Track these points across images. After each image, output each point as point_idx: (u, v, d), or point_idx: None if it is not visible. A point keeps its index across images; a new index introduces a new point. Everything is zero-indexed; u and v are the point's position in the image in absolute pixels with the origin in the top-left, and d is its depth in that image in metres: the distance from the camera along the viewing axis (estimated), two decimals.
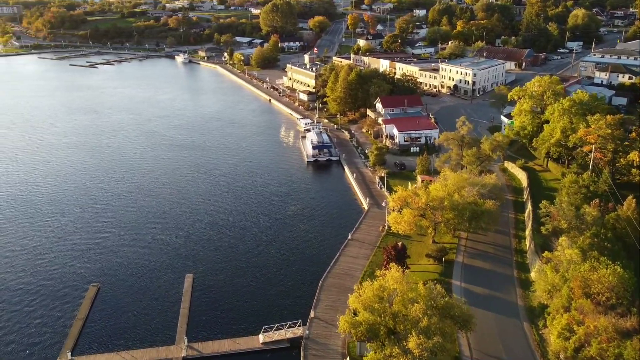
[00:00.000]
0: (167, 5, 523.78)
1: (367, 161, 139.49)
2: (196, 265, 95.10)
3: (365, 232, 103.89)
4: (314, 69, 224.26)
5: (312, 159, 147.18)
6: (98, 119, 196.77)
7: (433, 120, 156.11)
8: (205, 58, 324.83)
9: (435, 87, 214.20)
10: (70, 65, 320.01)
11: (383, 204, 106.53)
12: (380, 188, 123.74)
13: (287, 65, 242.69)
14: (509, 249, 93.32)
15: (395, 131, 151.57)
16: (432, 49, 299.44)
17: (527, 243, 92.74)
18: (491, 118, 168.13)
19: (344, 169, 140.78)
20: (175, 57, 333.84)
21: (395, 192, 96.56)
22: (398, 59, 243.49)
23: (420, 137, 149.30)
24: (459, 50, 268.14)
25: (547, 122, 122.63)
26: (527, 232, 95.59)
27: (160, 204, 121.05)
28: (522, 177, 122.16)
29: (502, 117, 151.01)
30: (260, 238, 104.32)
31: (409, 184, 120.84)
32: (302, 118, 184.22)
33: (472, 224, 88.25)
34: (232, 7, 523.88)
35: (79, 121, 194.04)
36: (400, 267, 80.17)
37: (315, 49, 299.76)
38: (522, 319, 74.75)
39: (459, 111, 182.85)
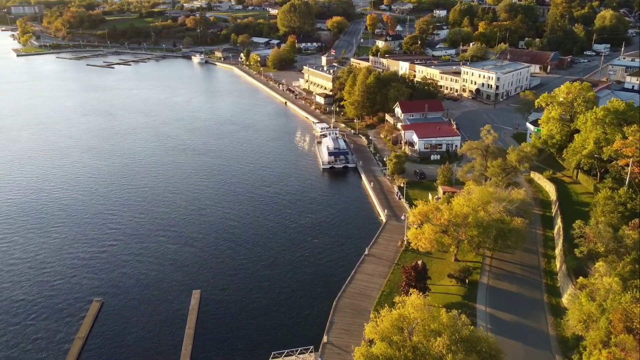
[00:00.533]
0: (185, 5, 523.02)
1: (385, 169, 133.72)
2: (204, 280, 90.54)
3: (383, 247, 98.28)
4: (331, 71, 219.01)
5: (328, 166, 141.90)
6: (112, 121, 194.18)
7: (454, 126, 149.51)
8: (222, 59, 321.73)
9: (457, 91, 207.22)
10: (87, 65, 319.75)
11: (402, 217, 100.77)
12: (399, 199, 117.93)
13: (304, 67, 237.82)
14: (537, 270, 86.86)
15: (414, 137, 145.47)
16: (453, 51, 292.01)
17: (558, 264, 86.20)
18: (516, 125, 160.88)
19: (360, 176, 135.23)
20: (192, 57, 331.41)
21: (416, 206, 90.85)
22: (418, 62, 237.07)
23: (441, 145, 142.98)
24: (481, 52, 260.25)
25: (577, 131, 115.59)
26: (558, 251, 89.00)
27: (171, 212, 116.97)
28: (550, 189, 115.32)
29: (528, 125, 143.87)
30: (272, 252, 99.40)
31: (430, 195, 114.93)
32: (318, 122, 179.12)
33: (499, 243, 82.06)
34: (249, 7, 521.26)
35: (93, 123, 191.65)
36: (420, 291, 74.72)
37: (333, 50, 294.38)
38: (554, 351, 68.47)
39: (481, 116, 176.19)
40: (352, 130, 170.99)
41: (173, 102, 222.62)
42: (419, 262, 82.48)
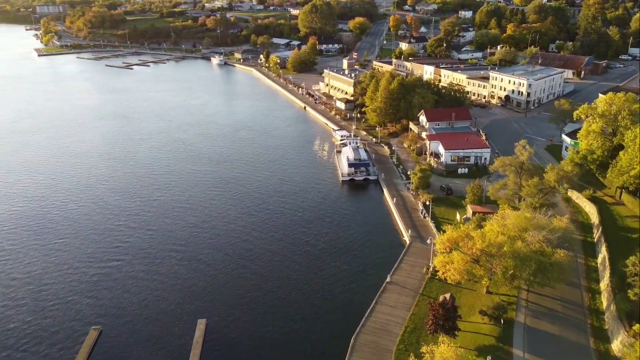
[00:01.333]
0: (206, 5, 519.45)
1: (409, 183, 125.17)
2: (211, 308, 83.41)
3: (407, 273, 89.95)
4: (352, 75, 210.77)
5: (348, 178, 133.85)
6: (127, 125, 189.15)
7: (484, 137, 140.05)
8: (241, 60, 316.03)
9: (485, 98, 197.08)
10: (107, 65, 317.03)
11: (428, 242, 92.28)
12: (424, 217, 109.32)
13: (325, 70, 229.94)
14: (580, 307, 77.60)
15: (440, 149, 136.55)
16: (479, 54, 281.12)
17: (605, 302, 76.81)
18: (550, 136, 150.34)
19: (382, 190, 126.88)
20: (211, 58, 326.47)
21: (443, 231, 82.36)
22: (443, 65, 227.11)
23: (469, 157, 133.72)
24: (509, 56, 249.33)
25: (621, 146, 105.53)
26: (604, 286, 79.54)
27: (180, 228, 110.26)
28: (590, 210, 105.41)
29: (564, 137, 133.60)
30: (285, 278, 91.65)
31: (457, 214, 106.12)
32: (338, 129, 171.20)
33: (538, 277, 73.05)
34: (271, 7, 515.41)
35: (107, 127, 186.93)
36: (449, 332, 66.51)
37: (355, 53, 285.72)
38: None
39: (511, 126, 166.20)
40: (374, 139, 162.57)
41: (190, 105, 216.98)
42: (447, 297, 74.15)
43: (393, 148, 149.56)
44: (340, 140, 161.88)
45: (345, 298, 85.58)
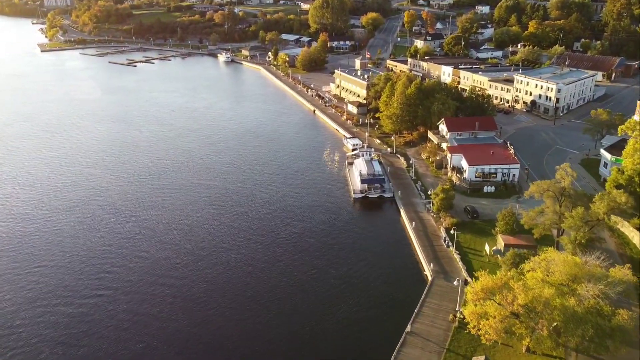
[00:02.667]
0: None
1: (429, 203, 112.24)
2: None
3: (429, 321, 77.33)
4: (365, 76, 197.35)
5: (360, 195, 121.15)
6: (125, 130, 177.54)
7: (511, 150, 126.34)
8: (248, 57, 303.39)
9: (508, 103, 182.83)
10: (110, 62, 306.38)
11: (455, 283, 79.49)
12: (448, 246, 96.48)
13: (335, 70, 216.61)
14: None
15: (463, 163, 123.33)
16: (499, 53, 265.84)
17: None
18: (585, 149, 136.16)
19: (399, 211, 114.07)
20: (218, 55, 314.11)
21: (476, 278, 69.60)
22: (462, 66, 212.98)
23: (495, 173, 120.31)
24: (533, 55, 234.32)
25: None
26: None
27: (173, 256, 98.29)
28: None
29: (603, 152, 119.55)
30: (287, 324, 79.45)
31: (486, 245, 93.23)
32: (350, 137, 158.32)
33: (594, 343, 60.06)
34: (280, 2, 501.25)
35: (105, 132, 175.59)
36: None
37: (368, 53, 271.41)
38: None
39: (539, 135, 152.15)
40: (389, 149, 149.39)
41: (193, 108, 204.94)
42: None
43: (411, 162, 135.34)
44: (352, 149, 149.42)
45: (359, 353, 73.12)
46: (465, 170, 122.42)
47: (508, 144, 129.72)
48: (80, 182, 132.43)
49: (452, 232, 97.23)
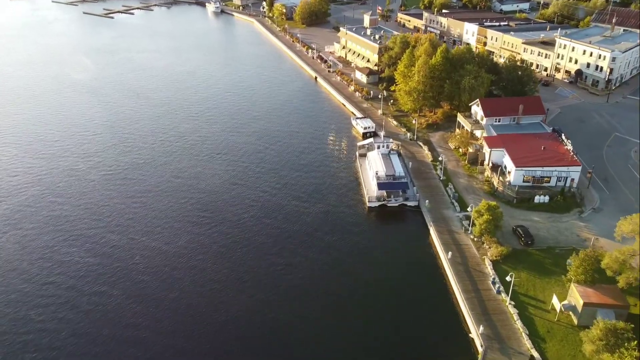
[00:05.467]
0: None
1: (466, 220, 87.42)
2: None
3: None
4: (376, 36, 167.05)
5: (377, 203, 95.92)
6: (92, 104, 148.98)
7: (568, 144, 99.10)
8: (241, 8, 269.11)
9: (546, 71, 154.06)
10: (84, 13, 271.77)
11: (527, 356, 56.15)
12: (499, 292, 72.39)
13: (341, 28, 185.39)
14: None
15: (507, 161, 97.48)
16: (526, 5, 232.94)
17: None
18: None
19: (427, 228, 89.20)
20: (206, 4, 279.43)
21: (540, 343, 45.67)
22: (488, 22, 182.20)
23: (549, 177, 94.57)
24: (568, 9, 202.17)
25: None
26: None
27: (142, 283, 74.33)
28: None
29: None
30: None
31: (554, 298, 69.08)
32: (360, 118, 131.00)
33: None
34: None
35: (67, 105, 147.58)
36: None
37: (379, 8, 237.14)
38: None
39: (591, 117, 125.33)
40: (408, 134, 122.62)
41: (176, 73, 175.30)
42: None
43: (441, 158, 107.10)
44: (363, 132, 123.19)
45: None
46: (509, 172, 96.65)
47: (563, 136, 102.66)
48: (14, 178, 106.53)
49: (498, 259, 72.78)
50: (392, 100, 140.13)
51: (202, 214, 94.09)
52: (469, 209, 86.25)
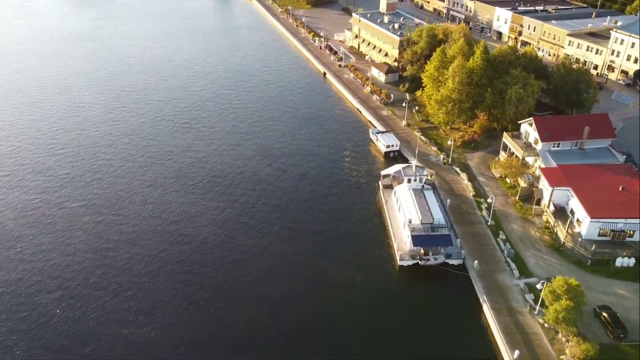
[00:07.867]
0: None
1: (527, 288, 66.94)
2: None
3: None
4: (396, 25, 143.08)
5: (410, 262, 74.98)
6: (56, 104, 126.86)
7: None
8: None
9: (596, 70, 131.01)
10: None
11: None
12: None
13: (354, 14, 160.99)
14: None
15: (577, 208, 76.21)
16: None
17: None
18: None
19: (479, 303, 68.40)
20: None
21: None
22: (522, 6, 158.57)
23: (632, 232, 73.47)
24: None
25: None
26: None
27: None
28: None
29: None
30: None
31: None
32: (380, 133, 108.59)
33: None
34: None
35: (26, 104, 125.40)
36: None
37: None
38: None
39: None
40: (441, 155, 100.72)
41: (161, 65, 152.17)
42: None
43: (490, 199, 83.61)
44: (385, 152, 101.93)
45: None
46: (579, 222, 75.52)
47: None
48: None
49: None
50: (417, 107, 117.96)
51: (185, 262, 73.35)
52: (537, 283, 65.19)
